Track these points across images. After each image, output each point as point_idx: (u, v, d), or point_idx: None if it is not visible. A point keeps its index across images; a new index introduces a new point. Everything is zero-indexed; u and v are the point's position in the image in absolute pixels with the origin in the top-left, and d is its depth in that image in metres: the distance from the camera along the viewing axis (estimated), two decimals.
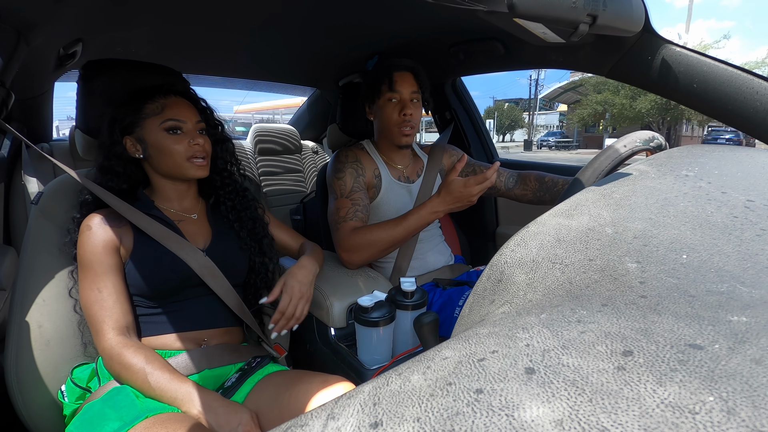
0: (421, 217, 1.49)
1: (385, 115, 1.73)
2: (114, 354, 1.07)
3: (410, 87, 1.71)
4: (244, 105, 36.09)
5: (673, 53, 1.36)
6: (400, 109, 1.71)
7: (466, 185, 1.39)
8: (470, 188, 1.38)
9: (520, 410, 0.30)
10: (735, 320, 0.36)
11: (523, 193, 1.84)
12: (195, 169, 1.26)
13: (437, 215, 1.48)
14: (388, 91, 1.70)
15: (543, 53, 1.78)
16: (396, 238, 1.52)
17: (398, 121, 1.72)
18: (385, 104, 1.73)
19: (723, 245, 0.51)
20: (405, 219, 1.51)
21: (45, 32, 1.36)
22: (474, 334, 0.42)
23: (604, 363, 0.33)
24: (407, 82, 1.71)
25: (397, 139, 1.75)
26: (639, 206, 0.63)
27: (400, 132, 1.73)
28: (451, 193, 1.41)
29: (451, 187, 1.41)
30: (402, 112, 1.70)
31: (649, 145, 1.24)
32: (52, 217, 1.25)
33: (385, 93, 1.71)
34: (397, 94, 1.70)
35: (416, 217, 1.50)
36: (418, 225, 1.50)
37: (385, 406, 0.34)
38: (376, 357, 1.33)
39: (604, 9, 1.08)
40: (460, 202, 1.43)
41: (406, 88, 1.71)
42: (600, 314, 0.40)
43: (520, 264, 0.56)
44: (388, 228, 1.52)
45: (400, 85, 1.70)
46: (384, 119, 1.74)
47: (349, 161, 1.76)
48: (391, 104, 1.72)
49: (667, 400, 0.28)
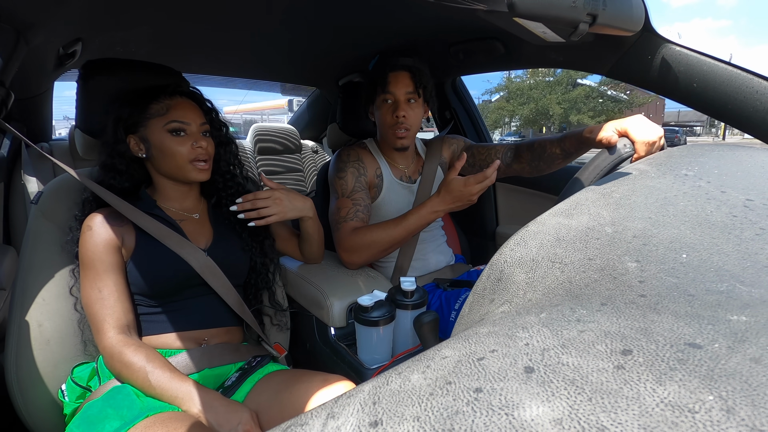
0: (421, 216, 1.48)
1: (380, 116, 1.72)
2: (115, 352, 1.07)
3: (405, 87, 1.67)
4: (233, 106, 36.22)
5: (673, 52, 1.36)
6: (394, 110, 1.67)
7: (465, 184, 1.37)
8: (470, 187, 1.36)
9: (520, 409, 0.30)
10: (734, 319, 0.36)
11: (521, 166, 1.74)
12: (196, 172, 1.26)
13: (437, 215, 1.47)
14: (381, 92, 1.68)
15: (543, 53, 1.78)
16: (396, 238, 1.51)
17: (391, 123, 1.68)
18: (380, 105, 1.71)
19: (722, 244, 0.51)
20: (405, 219, 1.50)
21: (44, 32, 1.36)
22: (474, 333, 0.42)
23: (604, 362, 0.33)
24: (402, 83, 1.67)
25: (391, 141, 1.72)
26: (639, 205, 0.64)
27: (394, 134, 1.69)
28: (450, 192, 1.40)
29: (451, 186, 1.40)
30: (395, 113, 1.67)
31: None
32: (52, 217, 1.25)
33: (379, 94, 1.69)
34: (390, 95, 1.67)
35: (416, 216, 1.49)
36: (418, 225, 1.50)
37: (385, 406, 0.34)
38: (376, 356, 1.33)
39: (604, 8, 1.08)
40: (460, 201, 1.41)
41: (400, 88, 1.66)
42: (599, 313, 0.40)
43: (519, 263, 0.56)
44: (388, 228, 1.51)
45: (394, 86, 1.66)
46: (379, 121, 1.73)
47: (351, 160, 1.74)
48: (386, 105, 1.69)
49: (667, 399, 0.28)
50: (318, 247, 1.56)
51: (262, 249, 1.44)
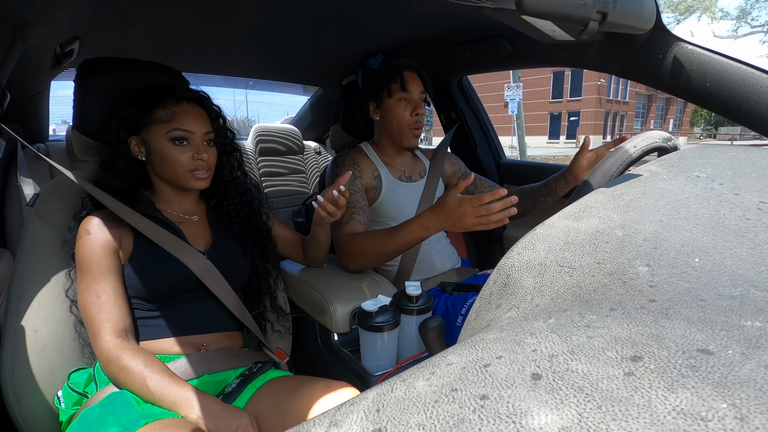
0: (412, 231, 1.43)
1: (395, 115, 1.75)
2: (112, 357, 1.07)
3: (419, 87, 1.74)
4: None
5: (685, 51, 1.36)
6: (413, 109, 1.74)
7: (460, 204, 1.30)
8: (464, 208, 1.29)
9: (527, 417, 0.30)
10: (748, 325, 0.36)
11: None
12: (195, 181, 1.27)
13: (428, 231, 1.41)
14: (400, 90, 1.72)
15: (551, 51, 1.78)
16: (388, 249, 1.49)
17: (410, 122, 1.74)
18: (395, 104, 1.74)
19: (736, 248, 0.51)
20: (396, 231, 1.47)
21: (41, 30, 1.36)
22: (480, 339, 0.42)
23: (614, 369, 0.33)
24: (416, 82, 1.74)
25: (407, 140, 1.77)
26: (650, 208, 0.63)
27: (411, 132, 1.76)
28: (444, 209, 1.33)
29: (446, 202, 1.33)
30: (415, 111, 1.73)
31: (661, 145, 1.23)
32: (48, 220, 1.25)
33: (396, 92, 1.72)
34: (409, 94, 1.72)
35: (407, 230, 1.44)
36: (409, 239, 1.45)
37: (389, 413, 0.34)
38: (380, 363, 1.33)
39: (615, 6, 1.08)
40: (451, 221, 1.34)
41: (416, 87, 1.73)
42: (609, 319, 0.40)
43: (527, 267, 0.56)
44: (380, 238, 1.50)
45: (412, 85, 1.72)
46: (394, 119, 1.76)
47: (347, 164, 1.77)
48: (402, 104, 1.74)
49: (679, 407, 0.28)
50: (324, 253, 1.59)
51: (263, 252, 1.44)
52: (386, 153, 1.86)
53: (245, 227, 1.41)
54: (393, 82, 1.72)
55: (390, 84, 1.72)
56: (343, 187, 1.33)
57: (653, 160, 0.87)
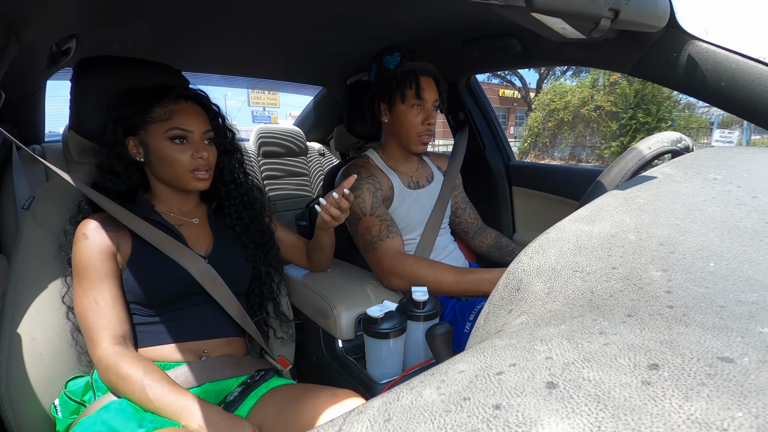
0: (481, 281, 1.52)
1: (406, 121, 1.73)
2: (110, 364, 1.07)
3: (434, 95, 1.73)
4: None
5: (699, 49, 1.35)
6: (425, 117, 1.72)
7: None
8: None
9: (540, 427, 0.30)
10: (766, 332, 0.36)
11: (480, 245, 2.12)
12: (196, 181, 1.26)
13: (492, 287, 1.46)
14: (414, 97, 1.70)
15: (562, 50, 1.78)
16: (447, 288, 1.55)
17: (421, 130, 1.74)
18: (408, 110, 1.72)
19: (753, 252, 0.51)
20: (462, 272, 1.54)
21: (37, 28, 1.36)
22: (490, 346, 0.42)
23: (628, 377, 0.33)
24: (432, 89, 1.73)
25: (414, 146, 1.77)
26: (664, 211, 0.63)
27: (420, 139, 1.75)
28: None
29: None
30: (426, 120, 1.73)
31: (675, 147, 1.23)
32: (45, 223, 1.26)
33: (410, 98, 1.71)
34: (422, 101, 1.71)
35: (475, 279, 1.53)
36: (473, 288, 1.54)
37: (397, 423, 0.34)
38: (386, 370, 1.33)
39: (627, 3, 1.08)
40: None
41: (430, 95, 1.72)
42: (624, 325, 0.40)
43: (538, 272, 0.56)
44: (442, 273, 1.55)
45: (427, 93, 1.71)
46: (405, 125, 1.74)
47: (364, 177, 1.74)
48: (414, 111, 1.72)
49: (694, 416, 0.28)
50: (329, 257, 1.59)
51: (266, 256, 1.44)
52: (393, 158, 1.85)
53: (247, 230, 1.41)
54: (408, 87, 1.70)
55: (405, 89, 1.71)
56: (347, 191, 1.33)
57: (660, 163, 0.87)
